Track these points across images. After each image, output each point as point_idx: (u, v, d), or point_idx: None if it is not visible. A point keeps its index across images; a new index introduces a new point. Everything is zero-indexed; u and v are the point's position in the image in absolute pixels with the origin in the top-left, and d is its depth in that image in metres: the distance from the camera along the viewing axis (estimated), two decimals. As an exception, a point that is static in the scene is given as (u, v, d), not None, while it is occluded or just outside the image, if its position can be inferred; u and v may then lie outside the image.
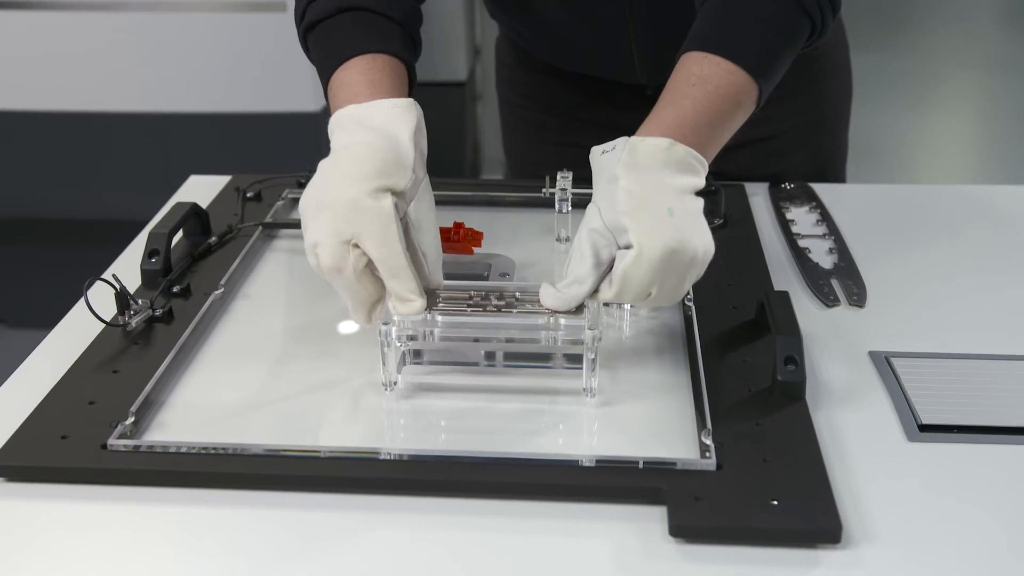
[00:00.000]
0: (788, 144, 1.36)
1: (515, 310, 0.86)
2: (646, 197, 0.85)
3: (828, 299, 1.04)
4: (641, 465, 0.78)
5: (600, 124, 1.26)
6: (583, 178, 0.98)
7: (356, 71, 0.95)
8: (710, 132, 0.92)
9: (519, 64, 1.40)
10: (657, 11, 1.19)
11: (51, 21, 2.22)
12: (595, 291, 0.85)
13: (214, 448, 0.80)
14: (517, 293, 0.88)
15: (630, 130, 0.91)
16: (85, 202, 2.31)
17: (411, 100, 0.91)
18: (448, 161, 3.17)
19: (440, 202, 0.92)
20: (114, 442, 0.80)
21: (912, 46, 5.38)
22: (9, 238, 2.51)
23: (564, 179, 1.13)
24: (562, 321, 0.85)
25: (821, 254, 1.13)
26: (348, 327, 0.98)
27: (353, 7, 1.01)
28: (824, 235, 1.17)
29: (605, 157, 0.89)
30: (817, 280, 1.08)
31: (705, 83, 0.93)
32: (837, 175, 1.44)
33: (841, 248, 1.14)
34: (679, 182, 0.86)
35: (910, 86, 4.76)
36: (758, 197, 1.27)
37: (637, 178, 0.86)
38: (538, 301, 0.86)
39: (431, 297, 0.86)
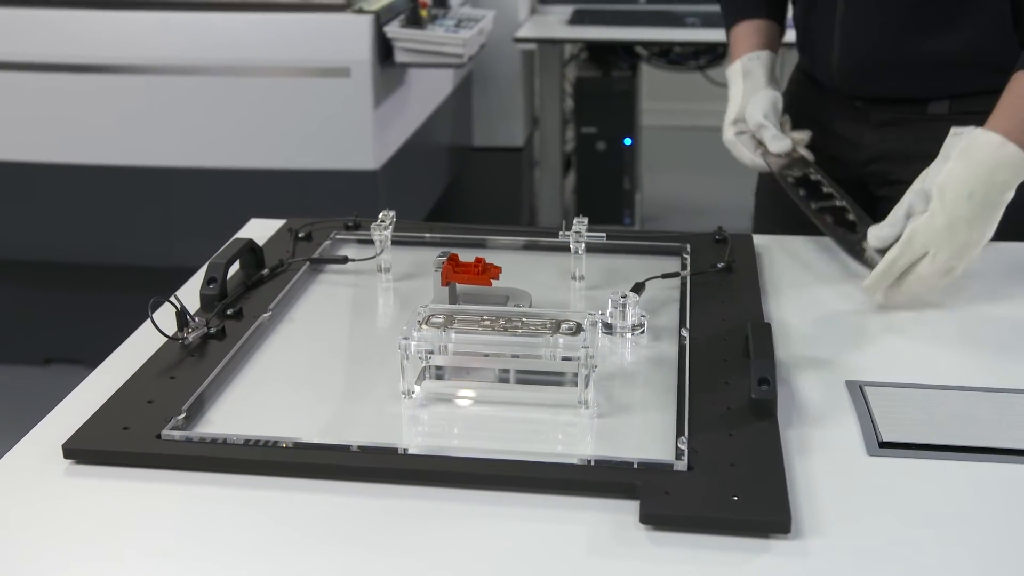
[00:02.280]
0: None
1: (519, 330, 0.98)
2: (960, 178, 1.14)
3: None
4: (621, 464, 0.88)
5: (815, 121, 1.51)
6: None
7: (735, 37, 1.54)
8: None
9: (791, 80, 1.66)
10: (857, 26, 1.43)
11: (138, 84, 2.41)
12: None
13: (254, 440, 0.92)
14: (523, 317, 1.00)
15: (835, 135, 1.38)
16: (161, 250, 2.48)
17: (744, 58, 1.48)
18: (504, 221, 3.31)
19: (462, 244, 1.05)
20: (167, 432, 0.93)
21: None
22: (92, 284, 2.69)
23: (580, 223, 1.25)
24: (560, 340, 0.97)
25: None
26: (375, 348, 1.10)
27: None
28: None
29: (954, 138, 1.18)
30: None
31: None
32: None
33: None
34: (995, 176, 1.15)
35: None
36: (777, 247, 1.38)
37: (963, 162, 1.15)
38: (539, 324, 0.98)
39: None
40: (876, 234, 1.21)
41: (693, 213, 4.00)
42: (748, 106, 1.44)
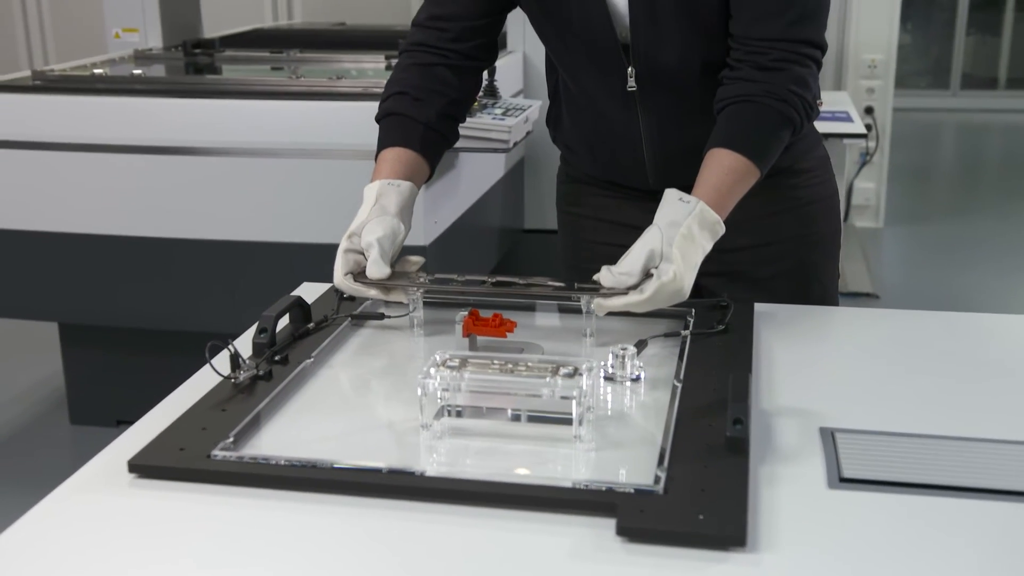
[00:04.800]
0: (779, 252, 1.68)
1: (524, 373, 1.12)
2: (692, 247, 1.34)
3: None
4: (605, 487, 1.01)
5: (618, 223, 1.68)
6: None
7: (383, 159, 1.54)
8: (731, 203, 1.42)
9: (568, 179, 1.79)
10: (663, 134, 1.60)
11: (211, 165, 2.62)
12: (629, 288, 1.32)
13: (295, 461, 1.07)
14: (529, 362, 1.14)
15: (643, 228, 1.36)
16: (226, 317, 2.66)
17: (383, 181, 1.48)
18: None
19: (485, 305, 1.23)
20: (217, 453, 1.08)
21: None
22: (161, 349, 2.88)
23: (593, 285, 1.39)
24: (559, 382, 1.10)
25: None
26: (402, 388, 1.25)
27: (391, 113, 1.58)
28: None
29: (680, 204, 1.37)
30: None
31: (731, 171, 1.42)
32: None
33: None
34: (707, 244, 1.36)
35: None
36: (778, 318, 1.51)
37: (695, 232, 1.34)
38: (542, 368, 1.12)
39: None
40: (615, 280, 1.32)
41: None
42: (368, 225, 1.42)
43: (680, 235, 1.34)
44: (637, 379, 1.26)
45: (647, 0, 1.49)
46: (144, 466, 1.08)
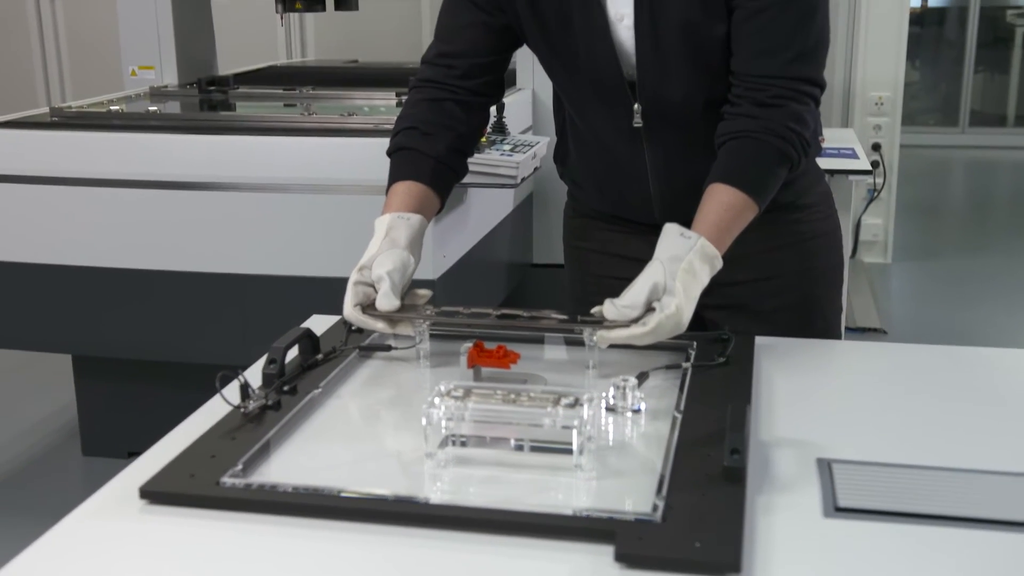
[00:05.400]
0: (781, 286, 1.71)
1: (526, 403, 1.15)
2: (693, 281, 1.37)
3: None
4: (605, 515, 1.04)
5: (624, 257, 1.69)
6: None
7: (393, 192, 1.56)
8: (730, 238, 1.46)
9: (575, 214, 1.83)
10: (669, 169, 1.64)
11: (226, 200, 2.66)
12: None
13: (302, 488, 1.09)
14: (531, 393, 1.17)
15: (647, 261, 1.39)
16: (237, 350, 2.69)
17: (394, 214, 1.51)
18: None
19: (490, 337, 1.31)
20: (225, 480, 1.11)
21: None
22: (173, 381, 2.91)
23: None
24: (560, 411, 1.13)
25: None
26: (408, 418, 1.28)
27: (402, 147, 1.62)
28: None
29: (681, 239, 1.40)
30: None
31: (730, 207, 1.46)
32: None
33: None
34: (706, 279, 1.39)
35: None
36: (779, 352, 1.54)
37: (696, 267, 1.38)
38: (544, 398, 1.15)
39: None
40: (619, 312, 1.36)
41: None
42: (378, 258, 1.45)
43: (682, 269, 1.37)
44: (638, 410, 1.29)
45: (653, 38, 1.53)
46: (155, 492, 1.10)
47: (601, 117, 1.65)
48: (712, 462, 1.13)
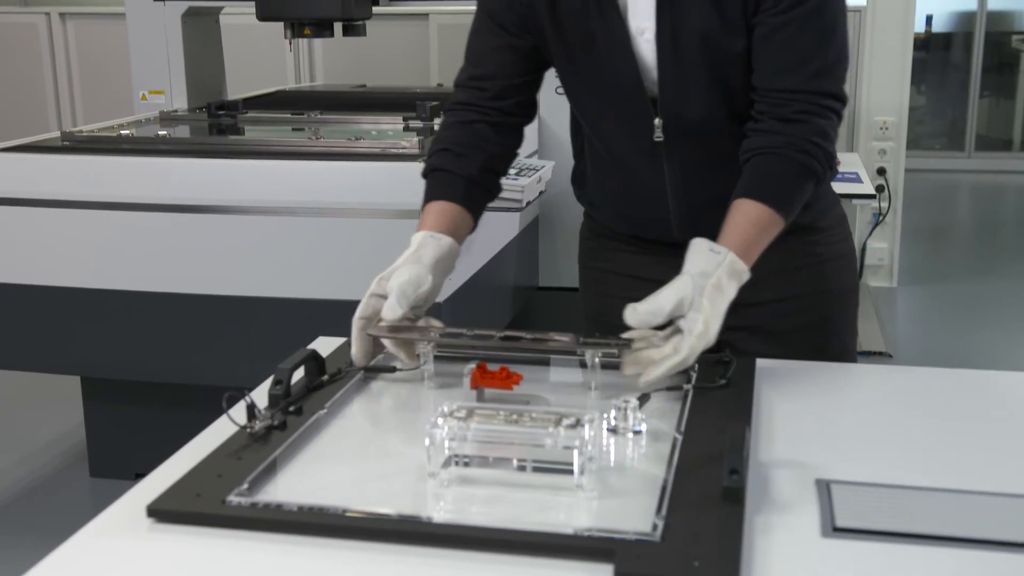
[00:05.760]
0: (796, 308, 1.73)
1: (528, 424, 1.16)
2: (721, 297, 1.40)
3: None
4: (606, 534, 1.05)
5: (642, 278, 1.66)
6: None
7: (427, 211, 1.60)
8: (756, 252, 1.49)
9: (592, 235, 1.84)
10: (688, 185, 1.66)
11: (235, 223, 2.69)
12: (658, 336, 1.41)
13: (307, 507, 1.11)
14: (533, 414, 1.18)
15: (666, 282, 1.42)
16: (244, 372, 2.71)
17: (426, 233, 1.54)
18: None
19: (494, 359, 1.35)
20: (231, 498, 1.13)
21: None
22: (180, 403, 2.93)
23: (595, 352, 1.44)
24: (561, 432, 1.15)
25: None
26: (411, 438, 1.29)
27: (435, 169, 1.65)
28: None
29: (711, 254, 1.43)
30: None
31: (756, 222, 1.49)
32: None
33: None
34: (732, 294, 1.42)
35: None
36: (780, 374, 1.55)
37: (724, 283, 1.41)
38: (546, 419, 1.16)
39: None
40: (641, 318, 1.40)
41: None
42: (396, 271, 1.48)
43: (710, 285, 1.41)
44: (639, 431, 1.30)
45: (674, 52, 1.56)
46: (162, 511, 1.12)
47: (621, 133, 1.68)
48: (711, 482, 1.15)
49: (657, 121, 1.61)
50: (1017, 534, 1.09)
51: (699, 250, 1.44)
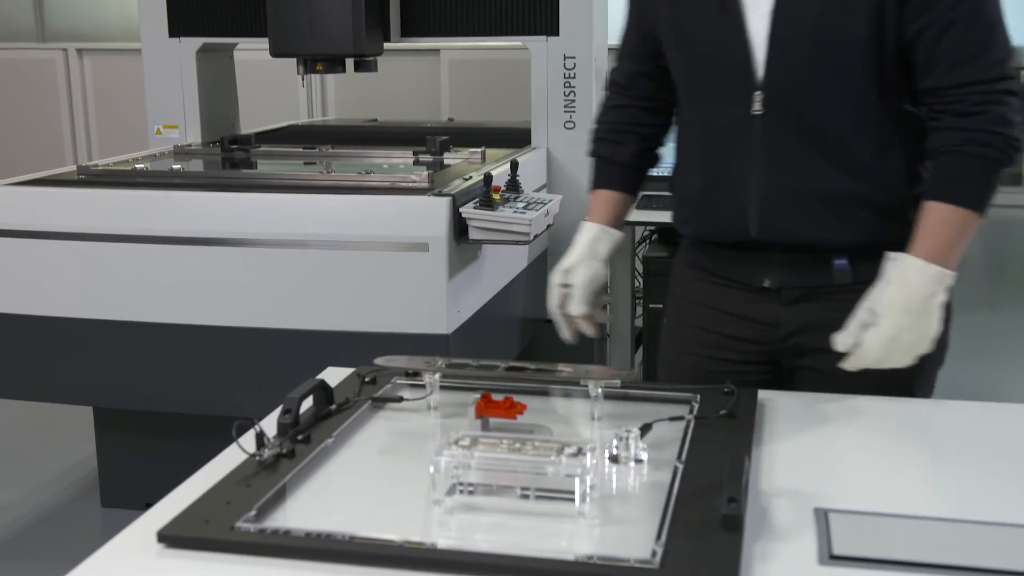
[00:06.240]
0: None
1: (531, 452, 1.19)
2: (897, 297, 1.50)
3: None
4: (607, 561, 1.07)
5: (718, 309, 1.77)
6: None
7: (594, 199, 1.85)
8: (956, 251, 1.55)
9: (684, 264, 1.87)
10: (776, 170, 1.65)
11: (245, 255, 2.72)
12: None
13: (314, 533, 1.13)
14: (536, 443, 1.21)
15: (740, 316, 1.66)
16: (255, 402, 2.74)
17: (600, 227, 1.80)
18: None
19: (499, 389, 1.33)
20: (240, 524, 1.15)
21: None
22: (191, 432, 2.95)
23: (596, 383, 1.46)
24: (563, 460, 1.17)
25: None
26: (417, 466, 1.32)
27: (596, 155, 1.87)
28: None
29: (890, 262, 1.52)
30: None
31: (947, 222, 1.55)
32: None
33: None
34: (923, 291, 1.50)
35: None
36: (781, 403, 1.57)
37: (897, 284, 1.51)
38: (548, 448, 1.19)
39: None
40: (840, 340, 1.53)
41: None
42: (578, 267, 1.75)
43: (884, 291, 1.51)
44: (640, 460, 1.32)
45: (787, 26, 1.59)
46: (172, 536, 1.15)
47: (718, 107, 1.68)
48: (711, 510, 1.16)
49: (758, 93, 1.63)
50: (1015, 563, 1.11)
51: (901, 262, 1.52)
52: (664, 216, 3.57)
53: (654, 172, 1.89)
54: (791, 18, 1.59)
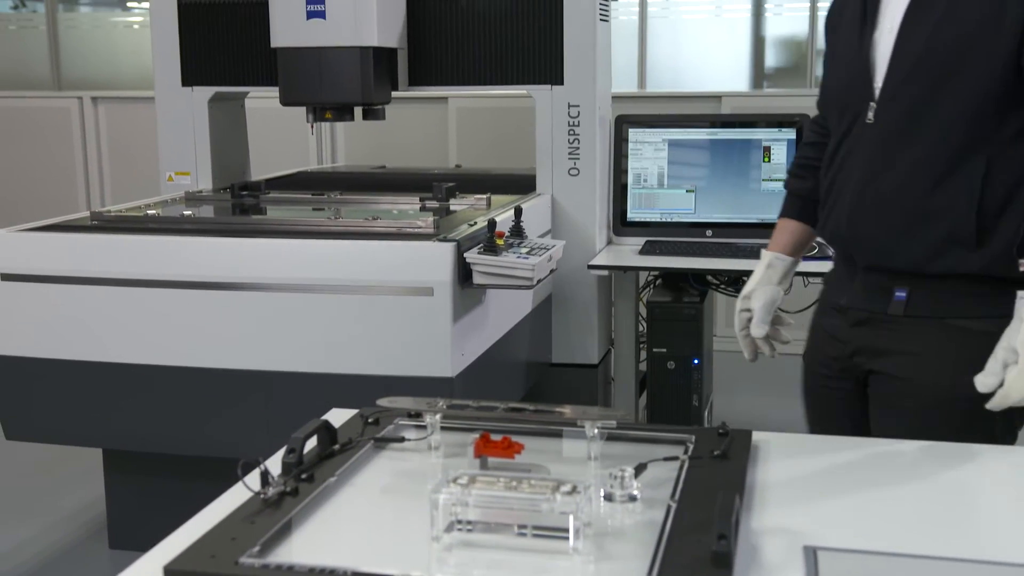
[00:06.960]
0: None
1: (527, 490, 1.22)
2: None
3: None
4: (597, 595, 1.10)
5: (822, 329, 1.96)
6: None
7: (778, 228, 2.05)
8: None
9: (822, 297, 2.02)
10: (876, 173, 1.78)
11: (253, 300, 2.77)
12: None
13: (317, 569, 1.17)
14: (532, 481, 1.25)
15: (832, 337, 1.90)
16: (263, 444, 2.77)
17: (774, 255, 2.00)
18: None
19: (498, 430, 1.37)
20: (244, 560, 1.19)
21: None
22: (203, 475, 2.98)
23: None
24: (558, 498, 1.21)
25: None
26: (417, 504, 1.35)
27: (785, 187, 2.08)
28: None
29: (1020, 301, 1.60)
30: None
31: None
32: None
33: None
34: None
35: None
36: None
37: None
38: (544, 486, 1.22)
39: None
40: (981, 381, 1.62)
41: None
42: (756, 292, 1.97)
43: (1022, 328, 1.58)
44: (634, 499, 1.36)
45: (911, 47, 1.73)
46: (178, 571, 1.18)
47: (839, 114, 1.86)
48: (702, 548, 1.20)
49: (872, 104, 1.77)
50: (998, 600, 1.14)
51: None
52: (667, 262, 3.66)
53: (655, 219, 2.01)
54: (920, 36, 1.72)
